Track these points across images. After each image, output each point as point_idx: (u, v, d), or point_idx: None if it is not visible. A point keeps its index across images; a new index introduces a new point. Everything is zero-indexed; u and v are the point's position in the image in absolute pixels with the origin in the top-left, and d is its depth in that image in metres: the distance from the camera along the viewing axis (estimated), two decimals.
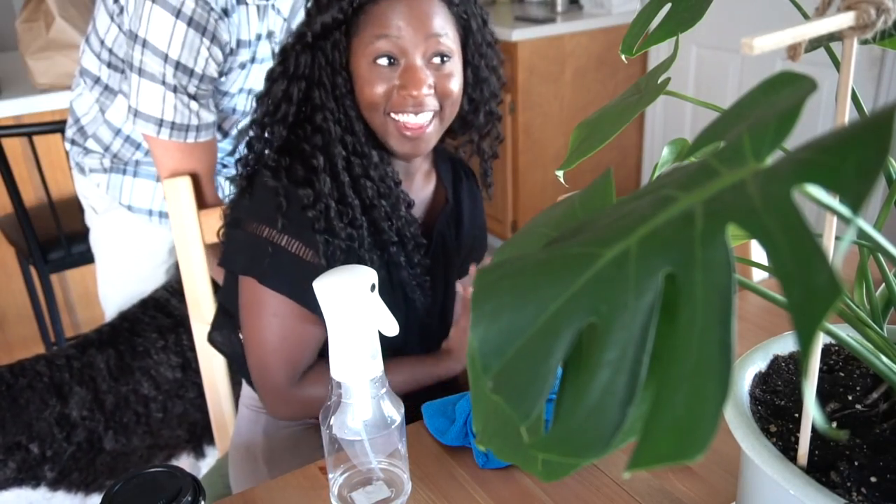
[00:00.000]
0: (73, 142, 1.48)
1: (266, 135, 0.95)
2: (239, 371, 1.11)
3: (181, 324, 1.38)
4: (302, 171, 0.91)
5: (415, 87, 0.89)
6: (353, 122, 0.93)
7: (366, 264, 0.93)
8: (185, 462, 1.45)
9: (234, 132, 1.44)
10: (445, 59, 0.92)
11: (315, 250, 0.91)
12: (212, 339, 1.10)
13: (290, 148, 0.94)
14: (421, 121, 0.92)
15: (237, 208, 0.98)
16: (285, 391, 0.96)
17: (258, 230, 0.92)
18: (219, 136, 1.41)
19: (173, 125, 1.23)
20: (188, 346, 1.37)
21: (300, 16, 1.25)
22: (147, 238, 1.50)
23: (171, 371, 1.36)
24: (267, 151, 0.95)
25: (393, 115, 0.92)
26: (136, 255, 1.53)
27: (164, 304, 1.40)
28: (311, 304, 0.91)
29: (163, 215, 1.47)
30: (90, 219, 1.56)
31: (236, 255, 0.96)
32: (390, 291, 0.99)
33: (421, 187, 1.07)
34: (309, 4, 0.94)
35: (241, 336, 1.05)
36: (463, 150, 1.11)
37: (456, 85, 0.93)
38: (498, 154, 1.11)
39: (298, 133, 0.94)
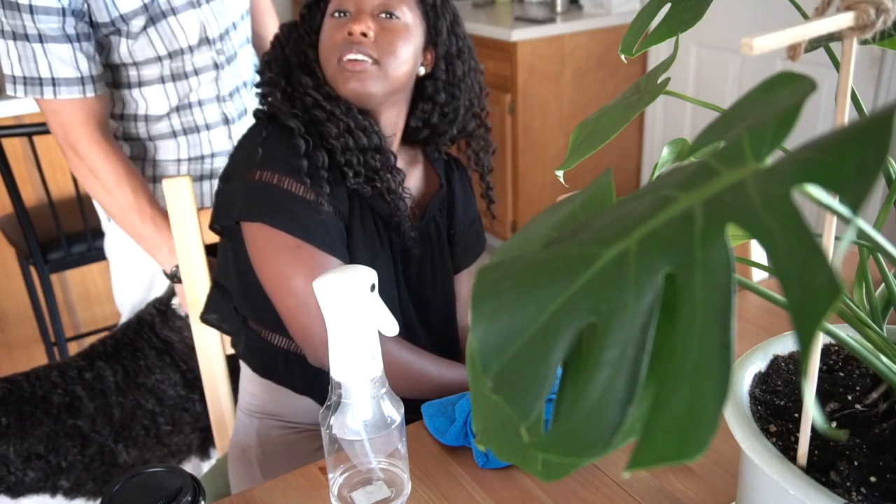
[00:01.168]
0: None
1: (263, 96, 1.03)
2: (235, 348, 1.11)
3: (170, 346, 1.39)
4: (289, 119, 0.98)
5: (355, 24, 0.97)
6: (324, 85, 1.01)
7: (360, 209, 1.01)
8: (190, 464, 1.45)
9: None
10: (393, 16, 0.99)
11: (304, 184, 0.94)
12: (205, 320, 1.11)
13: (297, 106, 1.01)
14: (358, 57, 0.97)
15: (229, 164, 1.02)
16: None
17: (251, 175, 0.96)
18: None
19: (25, 80, 1.20)
20: (185, 367, 1.38)
21: None
22: None
23: (174, 388, 1.37)
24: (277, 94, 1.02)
25: (340, 60, 0.99)
26: (148, 260, 1.52)
27: (152, 325, 1.40)
28: (317, 241, 0.94)
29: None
30: (104, 224, 1.55)
31: (231, 207, 0.98)
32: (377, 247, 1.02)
33: (409, 165, 1.10)
34: None
35: (240, 313, 1.05)
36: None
37: (401, 44, 0.99)
38: (493, 167, 1.17)
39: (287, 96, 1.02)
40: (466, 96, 1.08)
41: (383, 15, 0.99)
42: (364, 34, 0.97)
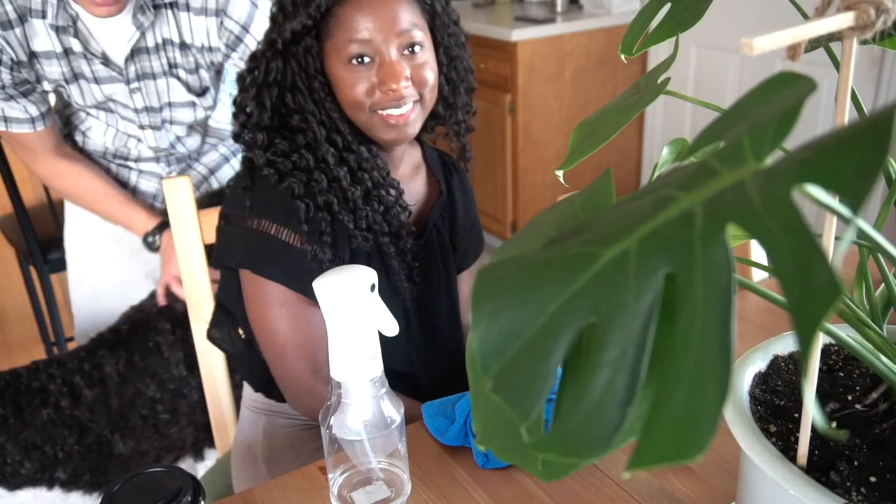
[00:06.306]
0: None
1: (247, 139, 0.96)
2: (237, 369, 1.11)
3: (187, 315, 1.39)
4: (291, 166, 0.94)
5: (394, 80, 0.91)
6: (337, 122, 0.95)
7: (360, 256, 0.97)
8: (184, 465, 1.45)
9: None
10: (417, 47, 0.93)
11: (302, 234, 0.92)
12: (211, 337, 1.10)
13: (279, 148, 0.95)
14: (404, 110, 0.94)
15: (227, 205, 1.00)
16: (308, 383, 0.96)
17: (249, 222, 0.94)
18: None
19: None
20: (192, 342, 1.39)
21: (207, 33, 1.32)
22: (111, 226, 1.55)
23: (177, 368, 1.37)
24: (257, 152, 0.95)
25: (377, 111, 0.94)
26: (103, 246, 1.60)
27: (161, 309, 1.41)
28: (310, 292, 0.92)
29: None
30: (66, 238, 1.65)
31: (231, 250, 0.97)
32: (385, 285, 0.99)
33: (410, 178, 1.08)
34: (274, 10, 0.95)
35: (241, 333, 1.05)
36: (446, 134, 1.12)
37: (431, 72, 0.96)
38: (473, 126, 1.11)
39: (284, 134, 0.96)
40: (463, 79, 1.04)
41: (407, 51, 0.93)
42: (406, 87, 0.92)
